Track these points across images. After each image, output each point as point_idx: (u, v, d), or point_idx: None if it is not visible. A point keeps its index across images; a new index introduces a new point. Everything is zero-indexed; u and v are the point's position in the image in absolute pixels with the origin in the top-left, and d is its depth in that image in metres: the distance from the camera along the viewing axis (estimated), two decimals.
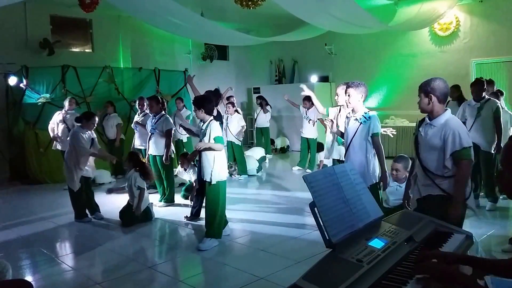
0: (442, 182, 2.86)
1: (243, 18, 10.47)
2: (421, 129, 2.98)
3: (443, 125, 2.84)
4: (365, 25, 8.24)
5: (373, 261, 1.60)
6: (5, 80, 8.21)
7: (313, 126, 8.35)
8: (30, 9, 8.97)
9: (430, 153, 2.88)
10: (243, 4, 6.20)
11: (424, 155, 2.92)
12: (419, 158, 2.96)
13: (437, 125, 2.87)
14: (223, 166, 4.46)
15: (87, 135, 5.40)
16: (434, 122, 2.89)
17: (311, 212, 1.75)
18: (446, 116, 2.88)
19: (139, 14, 8.16)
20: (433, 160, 2.87)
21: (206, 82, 12.04)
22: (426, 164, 2.90)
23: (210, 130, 4.36)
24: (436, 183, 2.87)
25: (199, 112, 4.46)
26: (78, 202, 5.46)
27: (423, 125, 2.99)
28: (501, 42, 8.92)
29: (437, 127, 2.86)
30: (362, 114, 3.91)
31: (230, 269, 3.90)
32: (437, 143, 2.83)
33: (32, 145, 7.97)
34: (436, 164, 2.86)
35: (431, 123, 2.91)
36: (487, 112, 5.37)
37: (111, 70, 9.20)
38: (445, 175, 2.84)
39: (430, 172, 2.88)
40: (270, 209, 5.96)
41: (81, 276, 3.85)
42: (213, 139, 4.34)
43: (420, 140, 2.96)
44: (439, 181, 2.87)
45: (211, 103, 4.59)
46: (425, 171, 2.91)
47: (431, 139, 2.87)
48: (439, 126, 2.85)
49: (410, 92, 10.16)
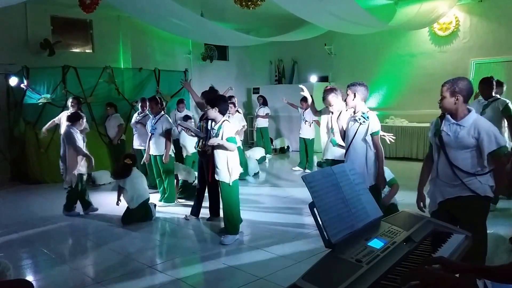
0: (471, 182, 2.88)
1: (242, 18, 10.48)
2: (445, 128, 2.96)
3: (472, 124, 2.87)
4: (365, 25, 8.25)
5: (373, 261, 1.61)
6: (6, 81, 8.23)
7: (309, 126, 8.40)
8: (31, 10, 8.98)
9: (462, 152, 2.88)
10: (242, 5, 6.20)
11: (456, 155, 2.90)
12: (448, 158, 2.93)
13: (466, 125, 2.88)
14: (237, 166, 4.53)
15: (79, 133, 5.69)
16: (463, 122, 2.89)
17: (311, 212, 1.76)
18: (473, 115, 2.91)
19: (139, 14, 8.17)
20: (466, 158, 2.88)
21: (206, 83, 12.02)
22: (457, 163, 2.89)
23: (223, 130, 4.39)
24: (465, 183, 2.88)
25: (212, 111, 4.46)
26: (71, 196, 5.75)
27: (446, 125, 2.97)
28: (501, 41, 8.92)
29: (466, 127, 2.87)
30: (361, 115, 3.91)
31: (230, 268, 3.91)
32: (470, 142, 2.85)
33: (32, 145, 8.00)
34: (468, 162, 2.88)
35: (459, 123, 2.91)
36: (493, 111, 5.31)
37: (112, 70, 9.21)
38: (480, 173, 2.87)
39: (461, 171, 2.88)
40: (270, 209, 5.97)
41: (81, 276, 3.86)
42: (225, 139, 4.37)
43: (448, 140, 2.94)
44: (468, 181, 2.88)
45: (226, 103, 4.62)
46: (454, 171, 2.90)
47: (463, 139, 2.87)
48: (468, 126, 2.87)
49: (410, 92, 10.21)
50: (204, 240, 4.81)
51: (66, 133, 5.65)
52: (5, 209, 6.38)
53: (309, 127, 8.41)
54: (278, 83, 12.92)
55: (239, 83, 12.85)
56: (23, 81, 7.94)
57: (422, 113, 9.45)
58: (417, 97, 9.79)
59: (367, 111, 3.94)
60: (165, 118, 6.15)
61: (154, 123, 6.12)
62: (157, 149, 6.10)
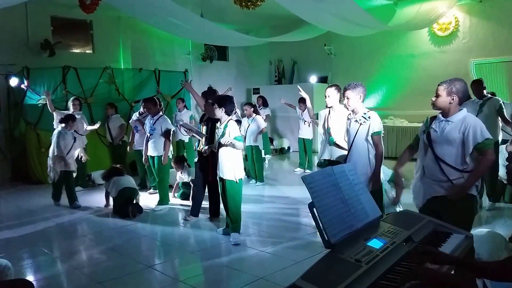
0: (458, 180, 2.89)
1: (242, 18, 10.48)
2: (434, 126, 3.01)
3: (461, 120, 2.91)
4: (364, 25, 8.25)
5: (372, 261, 1.61)
6: (6, 81, 8.22)
7: (308, 127, 8.40)
8: (31, 10, 8.97)
9: (449, 147, 2.91)
10: (242, 5, 6.20)
11: (442, 150, 2.94)
12: (435, 153, 2.96)
13: (454, 121, 2.92)
14: (241, 164, 4.60)
15: (70, 134, 6.22)
16: (452, 118, 2.94)
17: (310, 212, 1.77)
18: (463, 113, 2.95)
19: (139, 15, 8.16)
20: (451, 154, 2.91)
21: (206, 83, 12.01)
22: (444, 158, 2.92)
23: (229, 129, 4.43)
24: (452, 180, 2.89)
25: (218, 111, 4.49)
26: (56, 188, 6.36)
27: (436, 122, 3.02)
28: (500, 42, 8.92)
29: (454, 123, 2.92)
30: (362, 115, 3.89)
31: (229, 269, 3.91)
32: (456, 136, 2.88)
33: (33, 146, 8.01)
34: (455, 157, 2.90)
35: (448, 119, 2.95)
36: (489, 109, 5.45)
37: (112, 71, 9.21)
38: (464, 169, 2.88)
39: (448, 166, 2.90)
40: (269, 209, 5.97)
41: (82, 276, 3.87)
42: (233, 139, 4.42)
43: (435, 136, 2.98)
44: (455, 178, 2.89)
45: (232, 104, 4.64)
46: (441, 166, 2.93)
47: (449, 133, 2.91)
48: (456, 122, 2.91)
49: (409, 93, 10.20)
50: (204, 240, 4.80)
51: (55, 133, 6.22)
52: (6, 209, 6.39)
53: (308, 127, 8.41)
54: (278, 83, 12.92)
55: (239, 84, 12.84)
56: (23, 81, 7.93)
57: (422, 113, 9.35)
58: (417, 98, 9.76)
59: (367, 111, 3.93)
60: (164, 119, 6.09)
61: (153, 123, 6.05)
62: (155, 150, 6.04)
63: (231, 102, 4.62)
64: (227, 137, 4.40)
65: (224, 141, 4.39)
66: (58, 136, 6.13)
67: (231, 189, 4.54)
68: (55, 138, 6.15)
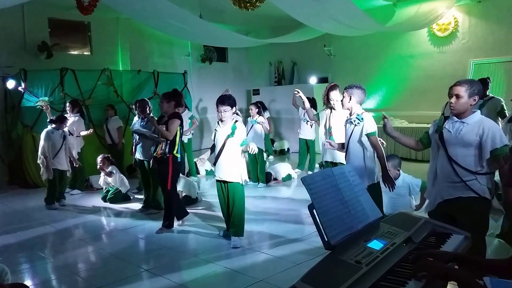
0: (472, 182, 2.85)
1: (242, 20, 10.49)
2: (447, 126, 2.95)
3: (478, 122, 2.85)
4: (363, 27, 8.24)
5: (372, 263, 1.61)
6: (4, 84, 8.19)
7: (310, 127, 8.32)
8: (28, 12, 8.94)
9: (463, 149, 2.86)
10: (241, 6, 6.19)
11: (455, 151, 2.88)
12: (448, 154, 2.91)
13: (470, 123, 2.86)
14: (245, 166, 4.58)
15: (59, 133, 6.33)
16: (467, 120, 2.88)
17: (310, 214, 1.75)
18: (478, 115, 2.90)
19: (137, 16, 8.15)
20: (467, 156, 2.85)
21: (205, 84, 12.09)
22: (457, 160, 2.87)
23: (239, 130, 4.37)
24: (466, 182, 2.84)
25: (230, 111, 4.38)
26: (51, 189, 6.35)
27: (449, 122, 2.95)
28: (500, 42, 8.92)
29: (471, 125, 2.85)
30: (356, 116, 3.94)
31: (229, 271, 3.89)
32: (473, 140, 2.82)
33: (30, 149, 7.91)
34: (469, 160, 2.85)
35: (463, 120, 2.89)
36: (489, 109, 5.43)
37: (110, 72, 9.17)
38: (479, 172, 2.84)
39: (461, 168, 2.85)
40: (269, 211, 5.93)
41: (79, 280, 3.84)
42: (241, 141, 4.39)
43: (448, 137, 2.92)
44: (469, 180, 2.85)
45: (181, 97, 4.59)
46: (454, 168, 2.88)
47: (465, 135, 2.84)
48: (472, 124, 2.85)
49: (409, 93, 10.20)
50: (203, 243, 4.76)
51: (43, 133, 6.35)
52: (3, 213, 6.36)
53: (310, 127, 8.33)
54: (277, 84, 12.91)
55: (238, 85, 12.82)
56: (20, 84, 7.91)
57: (422, 113, 9.44)
58: (417, 98, 9.78)
59: (361, 112, 3.98)
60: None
61: (143, 125, 5.88)
62: (145, 153, 5.78)
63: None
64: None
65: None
66: (45, 135, 6.25)
67: (237, 192, 4.45)
68: (42, 137, 6.29)
